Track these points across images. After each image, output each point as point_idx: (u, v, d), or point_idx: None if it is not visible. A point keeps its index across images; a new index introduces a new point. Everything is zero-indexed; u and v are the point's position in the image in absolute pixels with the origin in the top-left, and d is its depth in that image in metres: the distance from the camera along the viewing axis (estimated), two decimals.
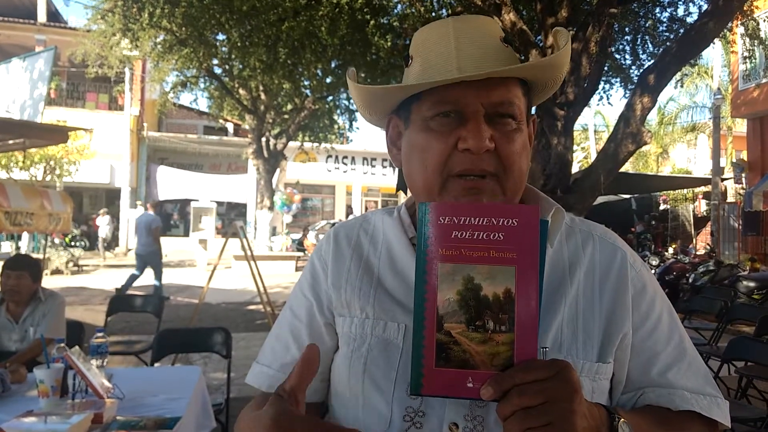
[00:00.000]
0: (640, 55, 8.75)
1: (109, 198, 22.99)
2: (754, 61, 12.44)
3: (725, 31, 8.46)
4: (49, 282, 10.37)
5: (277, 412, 0.63)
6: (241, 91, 14.49)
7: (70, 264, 14.96)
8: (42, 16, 20.40)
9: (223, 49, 10.98)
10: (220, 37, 10.42)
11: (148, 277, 10.17)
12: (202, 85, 15.01)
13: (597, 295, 0.85)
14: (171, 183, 21.81)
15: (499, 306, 0.65)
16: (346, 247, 0.94)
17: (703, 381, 0.86)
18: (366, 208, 25.89)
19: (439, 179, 0.81)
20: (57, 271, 14.45)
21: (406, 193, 1.06)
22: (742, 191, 15.85)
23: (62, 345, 2.51)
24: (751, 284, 8.96)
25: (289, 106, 15.40)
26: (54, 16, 21.80)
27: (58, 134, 7.05)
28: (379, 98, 0.90)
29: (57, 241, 15.83)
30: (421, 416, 0.79)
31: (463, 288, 0.65)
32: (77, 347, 2.46)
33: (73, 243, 17.56)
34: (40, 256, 9.59)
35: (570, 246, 0.88)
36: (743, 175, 14.92)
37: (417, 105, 0.84)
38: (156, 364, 3.63)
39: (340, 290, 0.91)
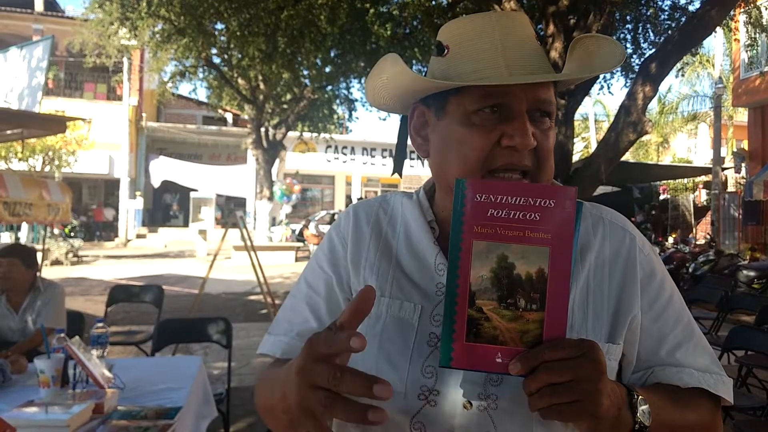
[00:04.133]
0: (642, 44, 8.70)
1: (108, 188, 22.98)
2: (756, 48, 12.37)
3: (727, 19, 8.41)
4: (48, 273, 10.36)
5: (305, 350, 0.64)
6: (240, 81, 14.44)
7: (70, 255, 14.96)
8: (39, 6, 20.29)
9: (222, 38, 10.93)
10: (219, 26, 10.37)
11: (152, 268, 10.18)
12: (200, 75, 14.95)
13: (606, 278, 0.86)
14: (170, 173, 21.76)
15: (531, 285, 0.66)
16: (365, 226, 0.96)
17: (710, 360, 0.88)
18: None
19: (478, 174, 0.82)
20: (57, 262, 14.46)
21: (401, 176, 1.06)
22: (742, 181, 15.85)
23: (62, 335, 2.50)
24: (751, 274, 8.97)
25: (288, 96, 15.36)
26: (51, 5, 21.68)
27: (57, 124, 7.02)
28: (419, 88, 0.89)
29: (56, 231, 15.83)
30: (436, 395, 0.80)
31: (496, 266, 0.66)
32: (77, 337, 2.46)
33: (72, 234, 17.56)
34: (40, 246, 9.58)
35: (581, 230, 0.89)
36: (744, 164, 14.90)
37: (457, 97, 0.84)
38: (156, 354, 3.64)
39: (359, 268, 0.92)
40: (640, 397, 0.73)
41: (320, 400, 0.60)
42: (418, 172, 22.14)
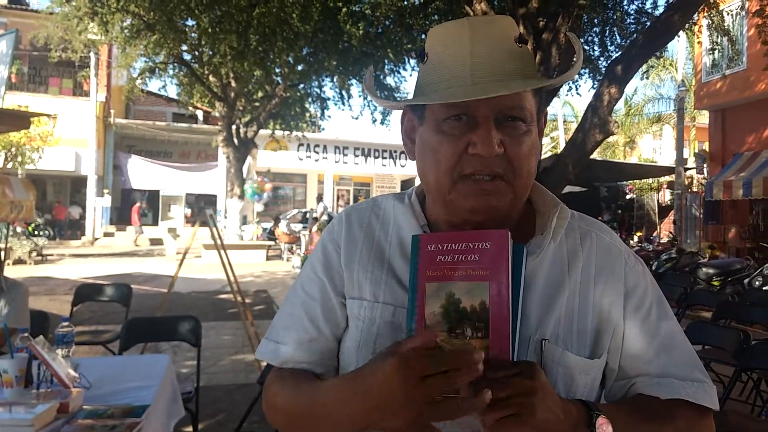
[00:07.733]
0: (609, 47, 8.86)
1: (75, 186, 22.44)
2: (720, 51, 12.70)
3: (690, 23, 8.64)
4: (11, 272, 10.09)
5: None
6: (211, 78, 14.25)
7: (34, 253, 14.57)
8: None
9: (193, 34, 10.76)
10: (190, 22, 10.21)
11: (120, 267, 9.98)
12: (171, 72, 14.69)
13: (592, 290, 0.88)
14: (142, 173, 21.38)
15: (475, 316, 0.75)
16: (358, 230, 0.97)
17: (692, 367, 0.89)
18: (338, 197, 25.82)
19: (450, 180, 0.84)
20: (20, 261, 14.07)
21: None
22: (703, 181, 16.29)
23: (26, 335, 2.46)
24: (711, 271, 9.27)
25: (260, 94, 15.20)
26: None
27: (20, 120, 6.84)
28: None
29: (19, 230, 15.40)
30: None
31: (445, 302, 0.77)
32: (41, 337, 2.41)
33: (36, 232, 17.10)
34: (2, 245, 9.33)
35: (569, 243, 0.92)
36: (705, 165, 15.29)
37: (430, 105, 0.86)
38: (124, 354, 3.59)
39: (352, 271, 0.93)
40: (600, 416, 0.76)
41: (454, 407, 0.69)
42: (390, 171, 22.20)
